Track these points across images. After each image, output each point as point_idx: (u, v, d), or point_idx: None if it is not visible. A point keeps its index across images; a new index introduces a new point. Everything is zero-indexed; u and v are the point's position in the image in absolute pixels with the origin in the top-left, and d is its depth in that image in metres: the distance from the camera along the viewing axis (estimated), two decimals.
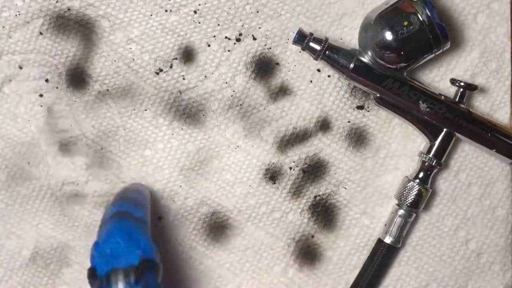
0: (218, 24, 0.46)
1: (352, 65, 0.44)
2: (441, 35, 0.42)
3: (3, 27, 0.46)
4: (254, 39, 0.46)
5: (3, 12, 0.46)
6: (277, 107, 0.47)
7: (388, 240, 0.46)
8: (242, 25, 0.46)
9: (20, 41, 0.46)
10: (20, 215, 0.47)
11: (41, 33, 0.46)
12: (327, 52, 0.44)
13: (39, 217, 0.47)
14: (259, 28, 0.46)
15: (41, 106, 0.47)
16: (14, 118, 0.47)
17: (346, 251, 0.48)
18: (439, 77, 0.47)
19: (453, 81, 0.45)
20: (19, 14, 0.46)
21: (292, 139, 0.47)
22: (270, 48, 0.47)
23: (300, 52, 0.46)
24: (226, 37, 0.46)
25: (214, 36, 0.46)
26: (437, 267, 0.48)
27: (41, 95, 0.47)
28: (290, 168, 0.48)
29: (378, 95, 0.45)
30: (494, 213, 0.48)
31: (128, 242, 0.38)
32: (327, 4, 0.46)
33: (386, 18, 0.42)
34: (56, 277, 0.48)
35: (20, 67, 0.46)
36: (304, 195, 0.48)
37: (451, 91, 0.46)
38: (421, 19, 0.42)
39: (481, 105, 0.47)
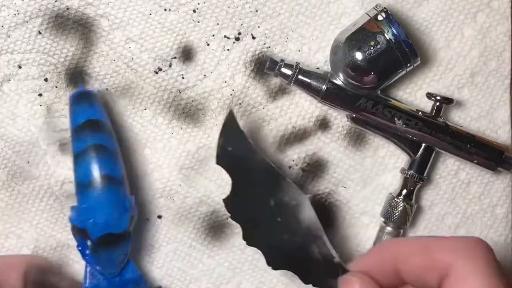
0: (217, 23, 0.46)
1: (324, 87, 0.44)
2: (409, 52, 0.42)
3: (2, 26, 0.46)
4: (253, 38, 0.46)
5: (2, 11, 0.46)
6: (276, 106, 0.47)
7: None
8: (241, 24, 0.46)
9: (19, 41, 0.46)
10: (20, 214, 0.47)
11: (40, 33, 0.46)
12: (299, 76, 0.44)
13: (39, 216, 0.48)
14: (258, 27, 0.46)
15: (41, 105, 0.47)
16: (13, 118, 0.47)
17: (345, 250, 0.48)
18: (438, 76, 0.47)
19: (429, 95, 0.45)
20: (17, 13, 0.46)
21: (291, 138, 0.47)
22: (269, 47, 0.46)
23: (299, 51, 0.46)
24: (225, 36, 0.46)
25: (213, 35, 0.46)
26: None
27: (40, 95, 0.47)
28: (290, 167, 0.48)
29: (354, 115, 0.45)
30: (493, 211, 0.48)
31: (119, 211, 0.43)
32: (326, 3, 0.46)
33: (353, 39, 0.43)
34: None
35: (19, 67, 0.46)
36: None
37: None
38: (387, 38, 0.42)
39: (481, 104, 0.47)
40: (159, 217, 0.48)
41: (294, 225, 0.42)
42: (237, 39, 0.46)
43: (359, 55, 0.42)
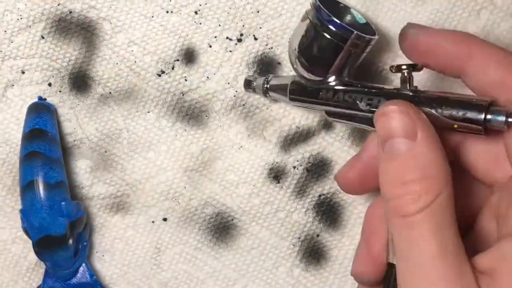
0: (219, 25, 0.46)
1: (288, 89, 0.43)
2: (340, 31, 0.39)
3: (5, 31, 0.46)
4: (255, 39, 0.46)
5: (5, 16, 0.46)
6: (279, 107, 0.47)
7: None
8: (243, 25, 0.46)
9: (22, 46, 0.46)
10: None
11: (42, 37, 0.46)
12: (269, 83, 0.44)
13: None
14: (260, 28, 0.46)
15: None
16: (18, 123, 0.47)
17: (352, 249, 0.48)
18: (442, 74, 0.47)
19: (391, 68, 0.40)
20: (20, 18, 0.46)
21: (295, 138, 0.47)
22: (271, 48, 0.46)
23: None
24: (227, 38, 0.46)
25: (215, 37, 0.46)
26: None
27: (44, 99, 0.47)
28: (294, 167, 0.47)
29: (325, 110, 0.43)
30: None
31: (53, 215, 0.44)
32: None
33: (293, 36, 0.42)
34: None
35: (23, 72, 0.46)
36: (309, 194, 0.48)
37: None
38: (313, 23, 0.40)
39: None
40: (164, 219, 0.48)
41: None
42: (239, 40, 0.46)
43: (299, 50, 0.41)
